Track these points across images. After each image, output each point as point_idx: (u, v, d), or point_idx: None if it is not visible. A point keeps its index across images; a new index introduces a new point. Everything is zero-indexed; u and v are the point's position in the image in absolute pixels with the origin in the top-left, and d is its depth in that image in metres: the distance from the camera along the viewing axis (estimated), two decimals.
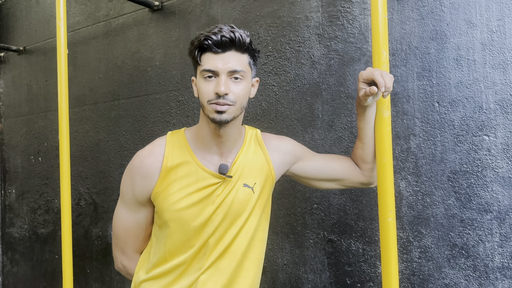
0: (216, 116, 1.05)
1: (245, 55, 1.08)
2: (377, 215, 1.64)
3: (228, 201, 1.14)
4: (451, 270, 1.51)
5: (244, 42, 1.06)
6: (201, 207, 1.12)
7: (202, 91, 1.07)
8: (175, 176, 1.13)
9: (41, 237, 2.86)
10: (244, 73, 1.07)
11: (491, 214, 1.45)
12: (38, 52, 2.88)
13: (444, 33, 1.53)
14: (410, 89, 1.59)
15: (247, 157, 1.18)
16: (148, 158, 1.15)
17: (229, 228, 1.14)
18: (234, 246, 1.15)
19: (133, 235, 1.22)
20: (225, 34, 1.03)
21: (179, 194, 1.12)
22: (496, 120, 1.45)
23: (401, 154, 1.60)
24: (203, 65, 1.06)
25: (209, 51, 1.05)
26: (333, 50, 1.75)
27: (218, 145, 1.14)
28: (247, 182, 1.16)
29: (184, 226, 1.13)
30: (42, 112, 2.86)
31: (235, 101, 1.06)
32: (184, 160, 1.14)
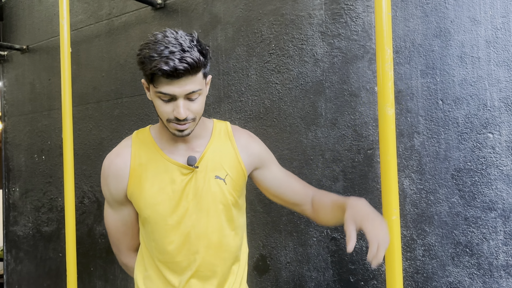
0: (178, 133, 1.08)
1: (200, 72, 1.04)
2: (381, 213, 1.64)
3: (201, 193, 1.15)
4: (455, 268, 1.51)
5: (198, 65, 1.01)
6: (177, 200, 1.14)
7: (160, 110, 1.06)
8: (146, 174, 1.15)
9: (45, 235, 2.87)
10: (200, 90, 1.05)
11: (496, 212, 1.44)
12: (41, 50, 2.89)
13: (448, 30, 1.53)
14: (414, 86, 1.58)
15: (216, 150, 1.19)
16: (116, 159, 1.17)
17: (205, 220, 1.16)
18: (213, 239, 1.16)
19: (122, 233, 1.25)
20: (177, 66, 0.97)
21: (153, 189, 1.14)
22: (501, 118, 1.44)
23: (404, 152, 1.59)
24: (157, 87, 1.02)
25: (162, 77, 1.00)
26: (336, 48, 1.75)
27: (183, 141, 1.16)
28: (219, 174, 1.16)
29: (161, 221, 1.15)
30: (45, 111, 2.86)
31: (195, 117, 1.07)
32: (152, 157, 1.15)
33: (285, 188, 1.26)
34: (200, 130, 1.18)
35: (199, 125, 1.16)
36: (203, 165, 1.16)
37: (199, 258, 1.16)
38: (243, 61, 1.99)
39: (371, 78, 1.66)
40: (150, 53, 0.99)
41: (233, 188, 1.18)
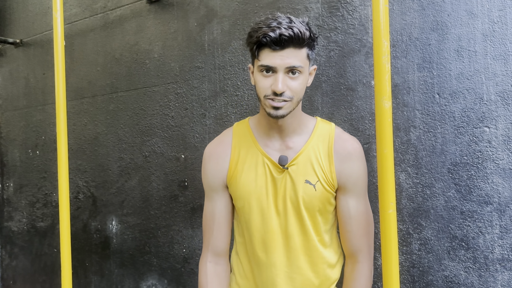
0: (273, 111, 1.07)
1: (303, 49, 1.06)
2: (377, 208, 1.64)
3: (290, 193, 1.15)
4: (451, 262, 1.51)
5: (304, 37, 1.04)
6: (266, 192, 1.16)
7: (259, 85, 1.08)
8: (244, 165, 1.18)
9: (39, 230, 2.85)
10: (302, 68, 1.06)
11: (491, 206, 1.44)
12: (36, 44, 2.86)
13: (445, 24, 1.52)
14: (411, 80, 1.58)
15: (312, 152, 1.16)
16: (218, 147, 1.23)
17: (291, 221, 1.16)
18: (294, 240, 1.17)
19: (209, 226, 1.24)
20: (283, 33, 1.01)
21: (248, 179, 1.17)
22: (497, 112, 1.44)
23: (401, 146, 1.59)
24: (261, 60, 1.05)
25: (267, 47, 1.04)
26: (333, 42, 1.74)
27: (279, 133, 1.17)
28: (310, 179, 1.15)
29: (252, 214, 1.17)
30: (40, 105, 2.84)
31: (292, 96, 1.06)
32: (250, 149, 1.19)
33: (342, 226, 1.21)
34: (298, 126, 1.17)
35: (297, 119, 1.16)
36: (295, 168, 1.15)
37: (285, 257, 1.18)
38: (239, 55, 1.98)
39: (368, 72, 1.66)
40: (259, 25, 1.05)
41: (321, 196, 1.16)
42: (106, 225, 2.49)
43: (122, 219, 2.41)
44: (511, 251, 1.42)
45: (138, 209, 2.34)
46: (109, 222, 2.48)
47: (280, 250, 1.17)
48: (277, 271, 1.18)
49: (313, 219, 1.17)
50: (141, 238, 2.32)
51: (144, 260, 2.31)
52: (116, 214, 2.44)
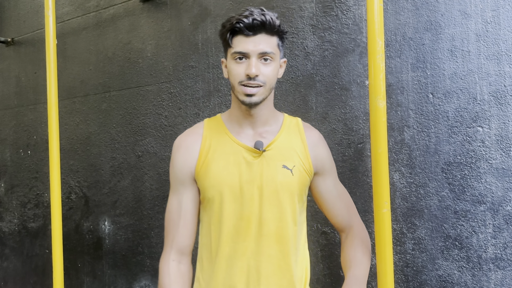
0: (246, 98, 1.10)
1: (274, 37, 1.12)
2: (371, 207, 1.64)
3: (266, 179, 1.15)
4: (444, 261, 1.51)
5: (274, 24, 1.10)
6: (241, 183, 1.15)
7: (233, 73, 1.11)
8: (213, 154, 1.18)
9: (31, 231, 2.82)
10: (273, 55, 1.11)
11: (485, 205, 1.45)
12: (27, 43, 2.83)
13: (438, 24, 1.52)
14: (404, 80, 1.58)
15: (286, 141, 1.19)
16: (188, 137, 1.23)
17: (269, 208, 1.15)
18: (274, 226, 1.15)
19: (173, 221, 1.21)
20: (256, 18, 1.07)
21: (219, 169, 1.16)
22: (490, 111, 1.44)
23: (395, 146, 1.59)
24: (234, 47, 1.10)
25: (241, 34, 1.09)
26: (327, 41, 1.73)
27: (252, 124, 1.19)
28: (287, 164, 1.16)
29: (226, 202, 1.15)
30: (31, 105, 2.81)
31: (265, 82, 1.10)
32: (221, 138, 1.19)
33: (330, 207, 1.26)
34: (269, 117, 1.20)
35: (270, 111, 1.20)
36: (271, 152, 1.17)
37: (256, 245, 1.15)
38: None
39: (362, 72, 1.66)
40: (231, 16, 1.12)
41: (299, 181, 1.17)
42: (98, 226, 2.47)
43: (114, 219, 2.39)
44: (504, 250, 1.42)
45: (131, 210, 2.32)
46: (101, 223, 2.46)
47: (252, 238, 1.15)
48: (242, 264, 1.15)
49: (292, 205, 1.17)
50: (134, 238, 2.31)
51: (137, 260, 2.30)
52: (108, 215, 2.42)
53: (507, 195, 1.42)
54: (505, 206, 1.42)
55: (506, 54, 1.43)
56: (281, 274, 1.16)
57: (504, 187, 1.42)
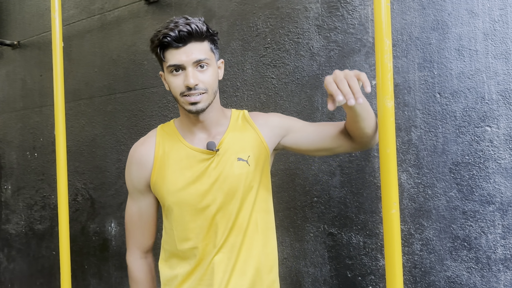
0: (191, 107, 1.10)
1: (205, 43, 1.12)
2: (378, 208, 1.63)
3: (224, 176, 1.16)
4: (453, 262, 1.50)
5: (202, 31, 1.10)
6: (198, 185, 1.15)
7: (172, 86, 1.12)
8: (168, 162, 1.18)
9: (37, 233, 2.83)
10: (208, 60, 1.11)
11: (494, 205, 1.44)
12: (33, 46, 2.84)
13: (445, 23, 1.51)
14: (411, 80, 1.57)
15: (235, 134, 1.21)
16: (141, 147, 1.23)
17: (230, 202, 1.16)
18: (239, 220, 1.16)
19: (135, 226, 1.26)
20: (182, 29, 1.07)
21: (175, 175, 1.16)
22: (499, 111, 1.43)
23: (402, 146, 1.58)
24: (168, 61, 1.10)
25: (171, 47, 1.09)
26: (332, 42, 1.73)
27: (202, 129, 1.20)
28: (241, 156, 1.17)
29: (186, 207, 1.16)
30: (37, 107, 2.82)
31: (206, 88, 1.10)
32: (175, 146, 1.19)
33: (322, 140, 1.24)
34: (219, 118, 1.22)
35: (218, 112, 1.21)
36: (223, 149, 1.18)
37: (225, 241, 1.16)
38: (238, 56, 1.97)
39: (368, 72, 1.65)
40: (158, 30, 1.11)
41: (257, 168, 1.19)
42: (104, 227, 2.47)
43: (121, 221, 2.39)
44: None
45: None
46: (107, 224, 2.46)
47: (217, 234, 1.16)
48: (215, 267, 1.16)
49: (256, 194, 1.18)
50: None
51: None
52: (115, 216, 2.42)
53: None
54: None
55: None
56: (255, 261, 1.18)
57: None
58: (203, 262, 1.18)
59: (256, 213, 1.19)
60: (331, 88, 0.95)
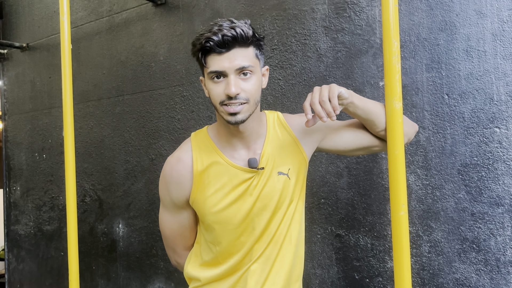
0: (231, 118, 1.03)
1: (250, 48, 1.04)
2: (386, 210, 1.62)
3: (266, 193, 1.11)
4: (461, 264, 1.49)
5: (247, 36, 1.02)
6: (240, 204, 1.11)
7: (212, 93, 1.04)
8: (208, 179, 1.12)
9: (46, 234, 2.85)
10: (252, 68, 1.03)
11: (503, 207, 1.43)
12: (41, 48, 2.87)
13: (453, 24, 1.51)
14: (419, 81, 1.56)
15: (275, 145, 1.14)
16: (178, 165, 1.15)
17: (273, 218, 1.12)
18: (278, 233, 1.13)
19: (179, 235, 1.22)
20: (226, 33, 0.99)
21: (217, 196, 1.11)
22: (508, 112, 1.42)
23: (410, 148, 1.58)
24: (209, 67, 1.03)
25: (213, 52, 1.02)
26: (340, 43, 1.73)
27: (242, 140, 1.12)
28: (281, 169, 1.12)
29: (228, 226, 1.12)
30: (46, 109, 2.84)
31: (248, 98, 1.03)
32: (214, 161, 1.12)
33: (360, 139, 1.19)
34: (257, 127, 1.13)
35: (256, 120, 1.12)
36: (263, 163, 1.12)
37: (262, 253, 1.14)
38: None
39: (376, 73, 1.64)
40: (200, 33, 1.04)
41: (297, 180, 1.15)
42: (112, 228, 2.49)
43: (128, 222, 2.41)
44: None
45: (144, 212, 2.33)
46: (115, 225, 2.47)
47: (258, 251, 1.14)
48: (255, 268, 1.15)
49: (296, 207, 1.15)
50: (148, 241, 2.32)
51: (150, 263, 2.31)
52: (123, 217, 2.44)
53: None
54: None
55: None
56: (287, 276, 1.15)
57: None
58: (238, 272, 1.15)
59: (293, 225, 1.16)
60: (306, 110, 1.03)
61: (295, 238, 1.16)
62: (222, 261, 1.16)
